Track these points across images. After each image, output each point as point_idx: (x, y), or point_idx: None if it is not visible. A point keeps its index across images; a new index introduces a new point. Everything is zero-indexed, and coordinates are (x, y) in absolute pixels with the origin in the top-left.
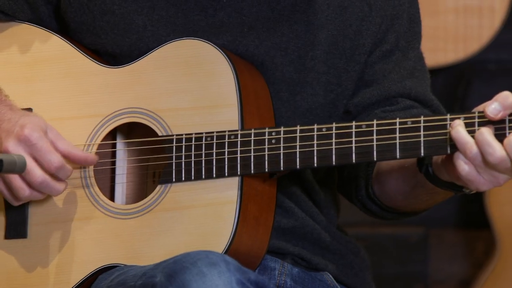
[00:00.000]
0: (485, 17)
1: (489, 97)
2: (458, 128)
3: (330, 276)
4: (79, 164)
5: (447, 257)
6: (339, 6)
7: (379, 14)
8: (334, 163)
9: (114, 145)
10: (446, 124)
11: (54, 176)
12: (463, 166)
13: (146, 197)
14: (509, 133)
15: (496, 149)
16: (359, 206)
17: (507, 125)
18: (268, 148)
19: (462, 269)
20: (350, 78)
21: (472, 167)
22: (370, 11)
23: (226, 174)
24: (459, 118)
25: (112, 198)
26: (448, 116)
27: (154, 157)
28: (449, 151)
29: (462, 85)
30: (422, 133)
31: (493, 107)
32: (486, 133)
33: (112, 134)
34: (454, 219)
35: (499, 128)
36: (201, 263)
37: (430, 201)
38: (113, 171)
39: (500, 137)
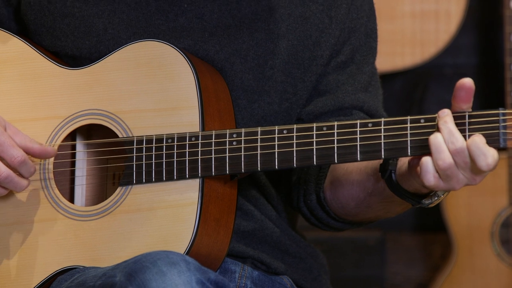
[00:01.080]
0: (441, 21)
1: (445, 100)
2: (436, 134)
3: (290, 280)
4: (38, 157)
5: (404, 260)
6: (300, 17)
7: (339, 26)
8: (295, 165)
9: (74, 147)
10: (406, 127)
11: (17, 172)
12: (429, 176)
13: (106, 199)
14: (470, 135)
15: (458, 139)
16: (305, 211)
17: (467, 127)
18: (229, 150)
19: (419, 273)
20: (306, 88)
21: (437, 177)
22: (330, 23)
23: (187, 176)
24: (419, 120)
25: (72, 200)
26: (409, 118)
27: (114, 159)
28: (409, 153)
29: (419, 89)
30: (382, 135)
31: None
32: (450, 122)
33: (72, 136)
34: (411, 223)
35: (460, 130)
36: (161, 263)
37: (382, 211)
38: (72, 173)
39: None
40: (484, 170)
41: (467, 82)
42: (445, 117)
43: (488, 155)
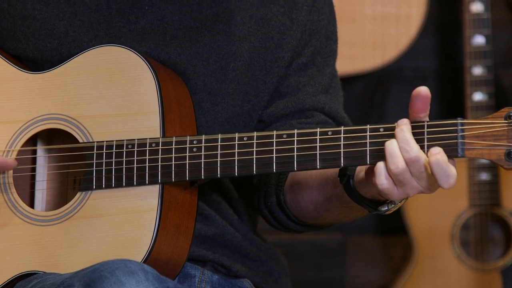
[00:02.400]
0: (402, 24)
1: (406, 103)
2: (391, 141)
3: (250, 283)
4: None
5: (365, 263)
6: (261, 19)
7: (300, 28)
8: (255, 172)
9: (34, 151)
10: (366, 135)
11: None
12: (382, 178)
13: (66, 204)
14: (428, 146)
15: (413, 148)
16: (266, 213)
17: (425, 136)
18: (189, 156)
19: (379, 275)
20: (267, 90)
21: (391, 182)
22: (292, 25)
23: (147, 182)
24: (378, 129)
25: (32, 204)
26: (368, 127)
27: (75, 164)
28: (368, 162)
29: (380, 92)
30: (342, 143)
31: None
32: (407, 131)
33: (32, 141)
34: (372, 225)
35: (417, 139)
36: (119, 272)
37: (341, 215)
38: (33, 177)
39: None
40: (445, 188)
41: (423, 90)
42: (403, 125)
43: (450, 176)
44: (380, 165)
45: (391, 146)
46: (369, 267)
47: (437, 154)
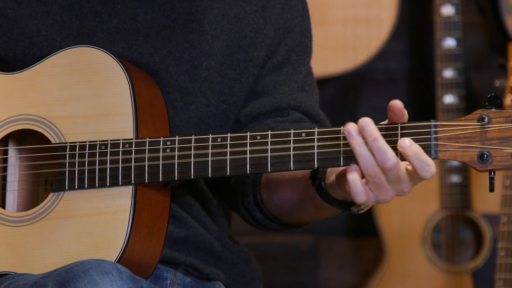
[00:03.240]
0: (373, 27)
1: (377, 105)
2: (357, 139)
3: (222, 285)
4: None
5: (337, 265)
6: (234, 18)
7: (273, 27)
8: (228, 173)
9: (5, 152)
10: (339, 137)
11: None
12: (359, 191)
13: (38, 205)
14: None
15: (391, 156)
16: (244, 213)
17: (399, 138)
18: (162, 157)
19: (351, 277)
20: (243, 89)
21: (364, 185)
22: (265, 24)
23: (120, 183)
24: (355, 126)
25: (3, 205)
26: (342, 128)
27: (47, 165)
28: (342, 163)
29: (352, 94)
30: (316, 144)
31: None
32: (381, 140)
33: (4, 141)
34: (344, 228)
35: (391, 141)
36: (93, 272)
37: (316, 215)
38: (4, 178)
39: (393, 150)
40: (427, 178)
41: (397, 105)
42: (375, 134)
43: (431, 164)
44: (354, 178)
45: (366, 157)
46: (341, 269)
47: (411, 145)
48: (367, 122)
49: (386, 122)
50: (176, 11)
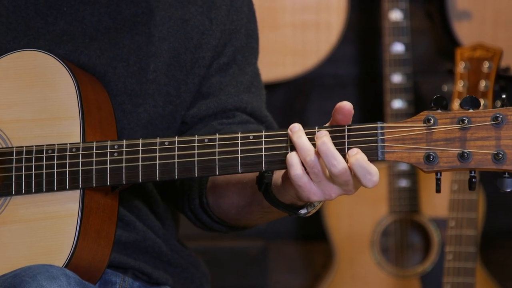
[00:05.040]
0: (322, 32)
1: (326, 110)
2: (300, 134)
3: None
4: None
5: (286, 269)
6: (180, 19)
7: (219, 28)
8: (176, 176)
9: None
10: (287, 139)
11: None
12: (297, 171)
13: None
14: (348, 148)
15: (340, 161)
16: (190, 216)
17: (346, 140)
18: (110, 161)
19: (301, 281)
20: (189, 90)
21: (306, 175)
22: (211, 25)
23: (67, 187)
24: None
25: None
26: (289, 131)
27: None
28: None
29: (301, 99)
30: (263, 147)
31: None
32: (329, 143)
33: None
34: (293, 232)
35: (338, 143)
36: (41, 277)
37: (263, 218)
38: None
39: (341, 151)
40: (369, 187)
41: (347, 105)
42: (324, 137)
43: (373, 173)
44: (292, 154)
45: (313, 163)
46: (290, 274)
47: (356, 154)
48: (321, 132)
49: (329, 124)
50: (123, 13)
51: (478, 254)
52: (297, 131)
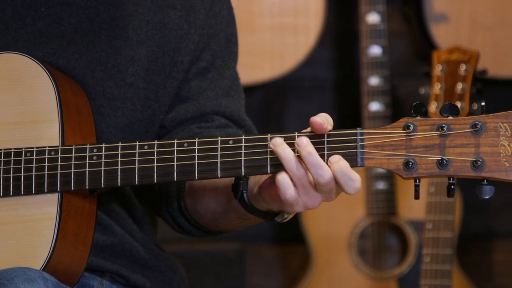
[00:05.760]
0: (300, 35)
1: (304, 113)
2: (283, 146)
3: None
4: None
5: (263, 272)
6: (159, 23)
7: (198, 32)
8: (155, 181)
9: None
10: (266, 144)
11: None
12: (292, 193)
13: None
14: (328, 154)
15: (326, 170)
16: (168, 219)
17: (325, 146)
18: (89, 164)
19: (278, 284)
20: (167, 94)
21: (296, 191)
22: (189, 29)
23: (46, 191)
24: (280, 137)
25: None
26: (269, 136)
27: None
28: (269, 171)
29: (279, 101)
30: (243, 152)
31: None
32: (315, 153)
33: None
34: (270, 235)
35: (317, 149)
36: (18, 280)
37: (239, 224)
38: None
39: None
40: (351, 194)
41: (316, 122)
42: (309, 147)
43: (355, 180)
44: (283, 176)
45: (299, 174)
46: (267, 276)
47: (338, 161)
48: (303, 141)
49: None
50: (101, 16)
51: (455, 256)
52: (280, 144)
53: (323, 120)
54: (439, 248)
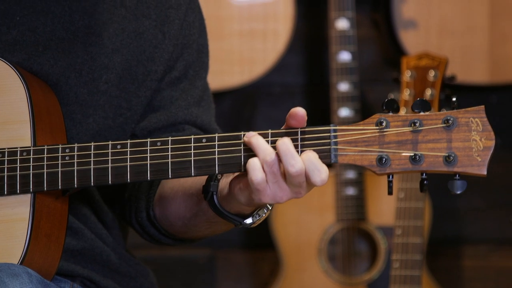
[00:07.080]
0: (269, 40)
1: (274, 119)
2: (257, 136)
3: None
4: None
5: (234, 278)
6: (134, 32)
7: (172, 42)
8: (129, 180)
9: None
10: (240, 142)
11: None
12: (258, 176)
13: None
14: (302, 151)
15: (298, 161)
16: (137, 228)
17: (299, 143)
18: (61, 164)
19: None
20: (140, 103)
21: (264, 175)
22: (164, 39)
23: (18, 191)
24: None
25: None
26: (242, 133)
27: None
28: (243, 169)
29: (248, 107)
30: (216, 150)
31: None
32: (289, 144)
33: None
34: (241, 241)
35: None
36: (3, 274)
37: (208, 230)
38: None
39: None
40: (318, 185)
41: (299, 112)
42: (283, 138)
43: (322, 171)
44: (253, 159)
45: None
46: (238, 282)
47: (308, 151)
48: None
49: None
50: (75, 24)
51: (424, 261)
52: (254, 135)
53: (305, 113)
54: (408, 254)
